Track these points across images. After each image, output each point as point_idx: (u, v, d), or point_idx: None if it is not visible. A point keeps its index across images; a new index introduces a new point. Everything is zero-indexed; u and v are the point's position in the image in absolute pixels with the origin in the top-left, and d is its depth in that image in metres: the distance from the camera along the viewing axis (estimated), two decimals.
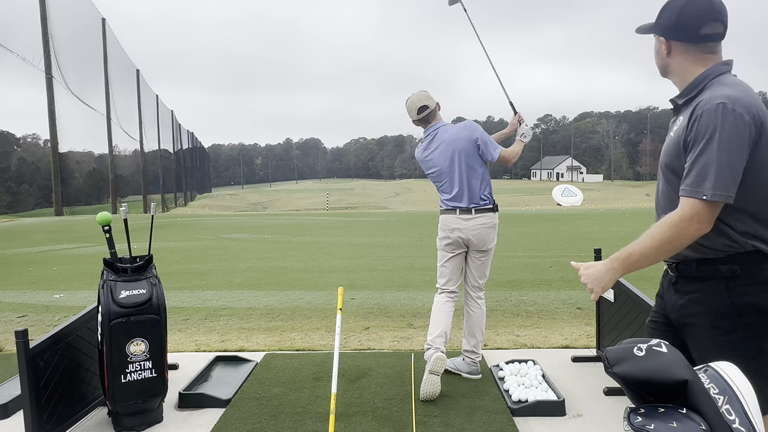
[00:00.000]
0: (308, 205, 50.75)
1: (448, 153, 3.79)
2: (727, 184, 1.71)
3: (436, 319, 3.78)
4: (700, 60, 1.89)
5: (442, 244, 3.87)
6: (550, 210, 29.54)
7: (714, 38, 1.86)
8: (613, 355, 2.31)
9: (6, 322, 5.98)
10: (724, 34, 1.87)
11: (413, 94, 3.88)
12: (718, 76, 1.85)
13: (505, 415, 3.22)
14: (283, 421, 3.21)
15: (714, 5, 1.84)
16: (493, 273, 8.21)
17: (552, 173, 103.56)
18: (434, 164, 3.86)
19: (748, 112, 1.73)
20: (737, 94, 1.75)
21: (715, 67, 1.87)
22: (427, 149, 3.91)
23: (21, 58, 25.70)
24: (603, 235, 14.13)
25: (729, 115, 1.71)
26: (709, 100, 1.76)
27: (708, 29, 1.85)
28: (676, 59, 1.93)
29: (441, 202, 3.89)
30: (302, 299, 6.78)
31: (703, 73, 1.87)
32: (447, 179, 3.81)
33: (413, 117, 3.88)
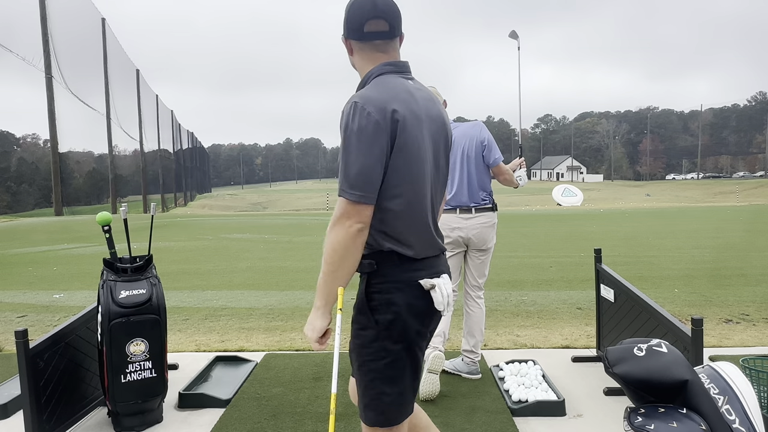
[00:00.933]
0: (308, 205, 50.73)
1: (455, 150, 3.75)
2: (357, 183, 1.68)
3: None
4: (371, 58, 1.88)
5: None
6: (550, 210, 29.53)
7: (379, 36, 1.85)
8: (614, 355, 2.31)
9: (6, 322, 5.98)
10: (391, 33, 1.86)
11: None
12: (379, 76, 1.84)
13: (505, 415, 3.22)
14: (283, 421, 3.21)
15: (377, 4, 1.82)
16: (493, 273, 8.21)
17: (552, 173, 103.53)
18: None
19: (379, 111, 1.70)
20: (375, 95, 1.74)
21: (379, 67, 1.86)
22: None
23: (21, 58, 25.71)
24: (603, 235, 14.14)
25: (357, 115, 1.69)
26: (349, 100, 1.76)
27: (371, 27, 1.83)
28: (355, 58, 1.92)
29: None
30: (302, 299, 6.77)
31: (368, 71, 1.87)
32: (448, 177, 3.79)
33: None
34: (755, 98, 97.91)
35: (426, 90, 1.92)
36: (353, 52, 1.92)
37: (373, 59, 1.88)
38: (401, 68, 1.89)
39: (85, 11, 32.06)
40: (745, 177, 79.76)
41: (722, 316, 5.58)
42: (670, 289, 6.98)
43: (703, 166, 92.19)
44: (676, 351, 2.28)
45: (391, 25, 1.86)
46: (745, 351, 4.29)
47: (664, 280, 7.61)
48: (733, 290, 6.80)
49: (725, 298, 6.38)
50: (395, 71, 1.87)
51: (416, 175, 1.79)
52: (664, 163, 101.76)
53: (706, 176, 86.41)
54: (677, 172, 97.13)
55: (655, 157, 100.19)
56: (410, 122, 1.76)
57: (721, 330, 5.07)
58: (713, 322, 5.34)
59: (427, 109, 1.85)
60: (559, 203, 37.29)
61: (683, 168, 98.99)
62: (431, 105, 1.89)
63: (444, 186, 1.99)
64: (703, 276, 7.80)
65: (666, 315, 3.17)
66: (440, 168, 1.93)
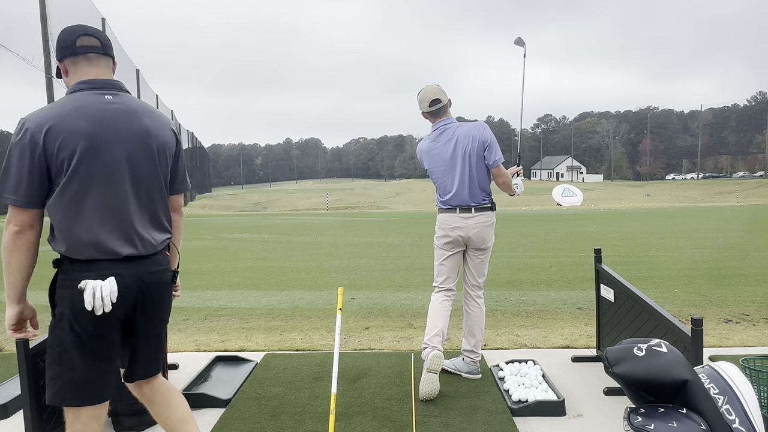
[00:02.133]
0: (308, 205, 50.72)
1: (457, 149, 3.75)
2: (10, 189, 1.92)
3: (433, 318, 3.78)
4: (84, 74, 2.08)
5: (440, 243, 3.85)
6: (550, 210, 29.52)
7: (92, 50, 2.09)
8: (613, 355, 2.31)
9: None
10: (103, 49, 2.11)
11: (427, 86, 3.83)
12: (71, 93, 2.06)
13: (505, 415, 3.22)
14: (283, 421, 3.21)
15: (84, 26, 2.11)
16: (493, 273, 8.24)
17: (552, 173, 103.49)
18: (440, 158, 3.80)
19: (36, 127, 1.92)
20: (44, 112, 1.94)
21: (74, 85, 2.08)
22: (435, 141, 3.83)
23: (21, 58, 25.68)
24: (603, 235, 14.14)
25: (17, 129, 1.94)
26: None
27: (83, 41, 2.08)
28: (70, 78, 2.12)
29: (439, 201, 3.86)
30: (302, 299, 6.78)
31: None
32: (449, 176, 3.77)
33: (424, 109, 3.83)
34: (755, 98, 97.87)
35: (129, 105, 2.08)
36: (68, 73, 2.10)
37: (85, 75, 2.07)
38: (99, 85, 2.06)
39: (85, 11, 31.96)
40: (745, 177, 79.74)
41: (722, 316, 5.58)
42: (670, 289, 6.98)
43: (703, 166, 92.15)
44: (676, 351, 2.28)
45: (102, 43, 2.11)
46: (745, 351, 4.29)
47: (664, 280, 7.61)
48: (733, 290, 6.80)
49: (725, 298, 6.38)
50: (90, 88, 2.04)
51: (95, 187, 1.98)
52: (664, 163, 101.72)
53: (706, 176, 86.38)
54: (677, 172, 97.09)
55: (655, 157, 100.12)
56: (87, 137, 1.95)
57: (721, 330, 5.07)
58: (713, 322, 5.34)
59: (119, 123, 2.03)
60: (559, 203, 37.46)
61: (683, 168, 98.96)
62: (130, 119, 2.06)
63: (159, 193, 2.16)
64: (703, 276, 7.80)
65: (666, 315, 3.17)
66: (142, 176, 2.08)
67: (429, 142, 3.88)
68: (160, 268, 2.17)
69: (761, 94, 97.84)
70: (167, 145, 2.16)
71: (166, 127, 2.17)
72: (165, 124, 2.18)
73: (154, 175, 2.12)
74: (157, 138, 2.12)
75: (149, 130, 2.10)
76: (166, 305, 2.26)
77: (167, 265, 2.22)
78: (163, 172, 2.15)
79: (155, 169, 2.12)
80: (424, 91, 3.82)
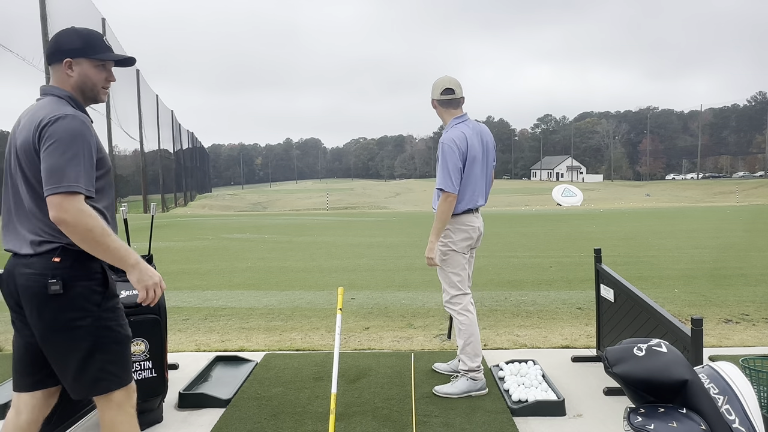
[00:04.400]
0: (308, 205, 50.73)
1: (486, 146, 3.64)
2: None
3: (477, 335, 3.57)
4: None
5: (461, 246, 3.58)
6: (550, 210, 29.52)
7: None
8: (613, 355, 2.31)
9: (6, 322, 5.97)
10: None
11: (446, 75, 3.68)
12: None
13: (505, 415, 3.22)
14: (283, 421, 3.21)
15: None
16: (493, 273, 8.25)
17: (552, 173, 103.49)
18: (476, 153, 3.56)
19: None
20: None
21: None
22: (468, 137, 3.53)
23: (21, 58, 25.67)
24: (603, 235, 14.14)
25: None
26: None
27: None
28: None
29: (463, 201, 3.52)
30: (302, 299, 6.78)
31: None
32: (482, 173, 3.63)
33: (435, 96, 3.63)
34: (755, 98, 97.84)
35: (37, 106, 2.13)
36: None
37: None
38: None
39: (85, 11, 31.99)
40: (745, 177, 79.74)
41: (722, 316, 5.58)
42: (670, 289, 6.98)
43: (703, 166, 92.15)
44: (676, 351, 2.28)
45: (46, 54, 2.21)
46: (745, 351, 4.29)
47: (664, 280, 7.61)
48: (733, 290, 6.80)
49: (725, 298, 6.38)
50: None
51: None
52: (663, 163, 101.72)
53: (705, 176, 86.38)
54: (677, 172, 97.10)
55: (654, 157, 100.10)
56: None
57: (721, 330, 5.07)
58: (713, 322, 5.34)
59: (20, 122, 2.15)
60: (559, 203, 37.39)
61: (683, 168, 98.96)
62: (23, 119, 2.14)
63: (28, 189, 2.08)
64: (703, 276, 7.80)
65: (666, 315, 3.17)
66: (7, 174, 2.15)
67: (463, 134, 3.52)
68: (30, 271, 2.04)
69: (761, 94, 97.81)
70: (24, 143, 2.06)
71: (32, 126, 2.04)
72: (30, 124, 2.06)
73: (18, 174, 2.10)
74: (18, 137, 2.10)
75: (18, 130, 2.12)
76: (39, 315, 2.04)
77: (41, 270, 2.02)
78: (28, 171, 2.05)
79: (15, 169, 2.11)
80: (441, 78, 3.66)
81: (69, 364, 2.07)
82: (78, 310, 2.04)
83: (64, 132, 1.97)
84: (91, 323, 2.06)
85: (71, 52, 2.16)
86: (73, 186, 1.93)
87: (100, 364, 2.08)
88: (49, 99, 2.14)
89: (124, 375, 2.18)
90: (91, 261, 2.08)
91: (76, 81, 2.18)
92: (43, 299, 2.01)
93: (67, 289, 2.01)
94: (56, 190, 1.92)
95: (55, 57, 2.17)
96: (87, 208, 1.95)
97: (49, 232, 2.03)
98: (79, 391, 2.12)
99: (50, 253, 2.02)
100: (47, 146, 1.96)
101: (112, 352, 2.12)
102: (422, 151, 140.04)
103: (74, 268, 2.04)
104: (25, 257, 2.05)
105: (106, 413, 2.16)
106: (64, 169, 1.93)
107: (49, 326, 2.03)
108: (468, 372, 3.50)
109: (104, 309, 2.10)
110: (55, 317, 2.02)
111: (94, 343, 2.07)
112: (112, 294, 2.16)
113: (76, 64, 2.17)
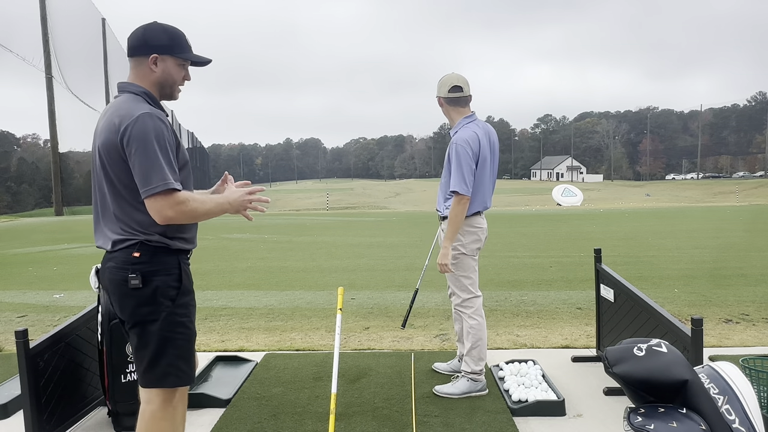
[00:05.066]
0: (308, 205, 50.71)
1: (492, 148, 3.56)
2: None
3: (485, 339, 3.54)
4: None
5: (472, 249, 3.51)
6: (550, 210, 29.52)
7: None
8: (613, 355, 2.31)
9: (6, 322, 5.98)
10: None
11: (453, 72, 3.57)
12: None
13: (505, 415, 3.22)
14: (283, 421, 3.21)
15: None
16: (493, 273, 8.24)
17: (552, 173, 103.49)
18: (484, 154, 3.47)
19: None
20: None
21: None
22: (480, 137, 3.46)
23: (21, 58, 25.70)
24: (603, 235, 14.13)
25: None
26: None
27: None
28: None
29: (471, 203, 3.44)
30: (302, 299, 6.78)
31: None
32: (492, 174, 3.58)
33: (442, 93, 3.54)
34: (755, 98, 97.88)
35: (114, 105, 2.15)
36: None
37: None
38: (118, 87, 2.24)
39: (85, 11, 32.03)
40: (745, 177, 79.76)
41: (722, 316, 5.58)
42: (670, 289, 6.98)
43: (703, 166, 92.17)
44: (676, 351, 2.28)
45: (129, 45, 2.21)
46: (745, 351, 4.29)
47: (664, 280, 7.60)
48: (733, 290, 6.80)
49: (725, 298, 6.38)
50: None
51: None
52: (663, 163, 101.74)
53: (705, 176, 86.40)
54: (677, 172, 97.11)
55: (654, 157, 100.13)
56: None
57: (721, 330, 5.06)
58: (713, 322, 5.34)
59: (100, 121, 2.17)
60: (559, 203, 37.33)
61: (683, 168, 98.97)
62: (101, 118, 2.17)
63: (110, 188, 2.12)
64: (703, 276, 7.80)
65: (666, 315, 3.17)
66: (93, 174, 2.19)
67: (475, 134, 3.46)
68: (113, 265, 2.13)
69: (761, 94, 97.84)
70: (105, 144, 2.08)
71: (112, 127, 2.06)
72: (109, 125, 2.08)
73: (102, 174, 2.13)
74: (98, 138, 2.12)
75: (98, 131, 2.14)
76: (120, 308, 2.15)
77: (121, 264, 2.11)
78: (111, 171, 2.08)
79: (99, 169, 2.13)
80: (448, 75, 3.55)
81: (143, 355, 2.14)
82: (154, 305, 2.10)
83: (144, 133, 2.02)
84: (165, 318, 2.12)
85: (158, 48, 2.18)
86: (169, 184, 2.01)
87: (170, 359, 2.14)
88: (125, 97, 2.16)
89: (191, 373, 2.23)
90: (168, 256, 2.15)
91: (158, 77, 2.20)
92: (124, 292, 2.10)
93: (145, 283, 2.08)
94: (153, 191, 2.00)
95: (141, 51, 2.18)
96: (182, 198, 2.04)
97: (128, 229, 2.10)
98: (149, 382, 2.18)
99: (130, 248, 2.10)
100: (132, 149, 2.02)
101: (182, 348, 2.17)
102: (422, 151, 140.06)
103: (153, 263, 2.11)
104: (110, 253, 2.15)
105: (147, 408, 2.20)
106: (154, 170, 2.00)
107: (128, 318, 2.13)
108: (470, 374, 3.50)
109: (178, 305, 2.16)
110: (134, 310, 2.11)
111: (167, 338, 2.13)
112: (186, 290, 2.20)
113: (161, 61, 2.18)
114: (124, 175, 2.06)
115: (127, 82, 2.21)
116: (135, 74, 2.20)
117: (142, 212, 2.07)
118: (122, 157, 2.04)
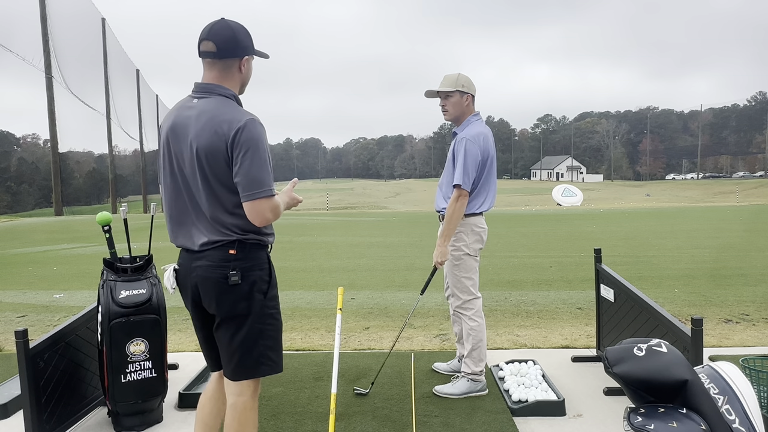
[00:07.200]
0: (308, 205, 50.70)
1: (493, 149, 3.55)
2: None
3: (485, 341, 3.55)
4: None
5: (475, 249, 3.50)
6: (550, 210, 29.53)
7: (204, 55, 2.18)
8: (613, 355, 2.31)
9: (6, 322, 5.98)
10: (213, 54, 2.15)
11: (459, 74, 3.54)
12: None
13: (505, 415, 3.22)
14: (283, 421, 3.21)
15: (208, 27, 2.17)
16: (493, 273, 8.24)
17: (552, 173, 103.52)
18: (492, 154, 3.47)
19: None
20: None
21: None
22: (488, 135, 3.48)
23: (21, 58, 25.72)
24: (603, 235, 14.14)
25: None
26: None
27: (202, 47, 2.17)
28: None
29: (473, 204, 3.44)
30: (302, 299, 6.78)
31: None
32: (494, 174, 3.56)
33: (473, 91, 3.57)
34: (755, 98, 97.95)
35: (201, 105, 2.13)
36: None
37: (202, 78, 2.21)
38: (195, 88, 2.20)
39: (85, 11, 32.07)
40: (745, 177, 79.81)
41: (722, 316, 5.58)
42: (670, 289, 6.98)
43: (703, 166, 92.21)
44: (676, 351, 2.28)
45: (219, 47, 2.13)
46: (745, 351, 4.29)
47: (664, 280, 7.60)
48: (733, 290, 6.80)
49: (725, 298, 6.38)
50: (192, 91, 2.21)
51: (161, 179, 2.24)
52: (664, 163, 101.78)
53: (705, 176, 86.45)
54: (677, 172, 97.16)
55: (655, 157, 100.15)
56: (164, 133, 2.18)
57: (721, 330, 5.07)
58: (713, 322, 5.34)
59: (188, 122, 2.12)
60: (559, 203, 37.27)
61: (683, 168, 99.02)
62: (195, 121, 2.11)
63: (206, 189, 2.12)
64: (703, 276, 7.80)
65: (666, 315, 3.17)
66: (178, 175, 2.17)
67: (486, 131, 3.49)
68: (209, 263, 2.15)
69: (761, 94, 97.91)
70: (209, 148, 2.06)
71: (219, 132, 2.05)
72: (211, 128, 2.07)
73: (192, 175, 2.12)
74: (197, 141, 2.08)
75: (195, 134, 2.09)
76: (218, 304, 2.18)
77: (217, 262, 2.14)
78: (210, 173, 2.08)
79: (192, 169, 2.11)
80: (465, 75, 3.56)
81: (236, 347, 2.19)
82: (250, 299, 2.17)
83: (255, 140, 2.06)
84: (259, 310, 2.19)
85: (249, 49, 2.19)
86: (273, 189, 2.11)
87: (262, 349, 2.22)
88: (219, 100, 2.13)
89: (280, 362, 2.30)
90: (260, 251, 2.22)
91: (243, 78, 2.22)
92: (223, 289, 2.14)
93: (244, 279, 2.15)
94: (257, 196, 2.06)
95: (235, 52, 2.15)
96: (278, 203, 2.14)
97: (223, 229, 2.13)
98: (241, 374, 2.23)
99: (226, 246, 2.14)
100: (242, 154, 2.04)
101: (272, 338, 2.25)
102: (422, 151, 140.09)
103: (248, 259, 2.17)
104: (200, 251, 2.15)
105: (239, 400, 2.27)
106: (261, 176, 2.07)
107: (225, 313, 2.17)
108: (470, 375, 3.50)
109: (269, 298, 2.23)
110: (232, 305, 2.16)
111: (260, 330, 2.20)
112: (275, 283, 2.28)
113: (248, 62, 2.20)
114: (225, 178, 2.08)
115: (214, 84, 2.15)
116: (222, 76, 2.16)
117: (237, 214, 2.12)
118: (227, 161, 2.06)
